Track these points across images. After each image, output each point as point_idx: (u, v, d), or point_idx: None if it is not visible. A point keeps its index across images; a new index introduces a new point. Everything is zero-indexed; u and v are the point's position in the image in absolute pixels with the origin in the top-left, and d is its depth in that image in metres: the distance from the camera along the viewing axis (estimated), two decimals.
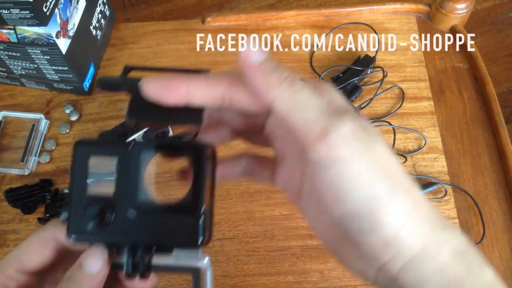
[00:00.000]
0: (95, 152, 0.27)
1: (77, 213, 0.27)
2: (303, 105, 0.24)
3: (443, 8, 0.70)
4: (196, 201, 0.26)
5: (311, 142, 0.24)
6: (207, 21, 0.74)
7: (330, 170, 0.24)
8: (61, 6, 0.58)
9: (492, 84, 0.66)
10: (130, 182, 0.26)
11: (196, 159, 0.27)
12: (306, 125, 0.24)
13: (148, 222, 0.27)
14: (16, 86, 0.70)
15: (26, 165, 0.63)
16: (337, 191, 0.24)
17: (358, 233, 0.25)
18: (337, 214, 0.25)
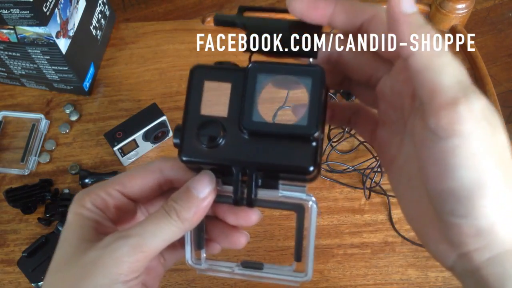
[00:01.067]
0: (211, 77, 0.27)
1: (191, 134, 0.27)
2: (441, 68, 0.23)
3: (443, 8, 0.70)
4: (311, 126, 0.26)
5: (437, 107, 0.22)
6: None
7: (446, 142, 0.22)
8: (61, 6, 0.58)
9: (492, 84, 0.66)
10: (245, 101, 0.26)
11: (314, 82, 0.26)
12: (438, 88, 0.22)
13: (260, 144, 0.27)
14: (16, 86, 0.70)
15: (26, 165, 0.63)
16: (444, 165, 0.23)
17: (451, 215, 0.24)
18: (435, 189, 0.24)
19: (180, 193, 0.28)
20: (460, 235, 0.24)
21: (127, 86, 0.69)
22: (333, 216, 0.58)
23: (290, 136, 0.26)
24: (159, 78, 0.70)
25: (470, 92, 0.23)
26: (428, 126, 0.23)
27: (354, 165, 0.61)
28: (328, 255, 0.56)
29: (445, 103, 0.22)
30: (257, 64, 0.27)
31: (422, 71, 0.23)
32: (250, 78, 0.26)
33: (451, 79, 0.23)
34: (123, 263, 0.26)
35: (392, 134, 0.29)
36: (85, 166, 0.63)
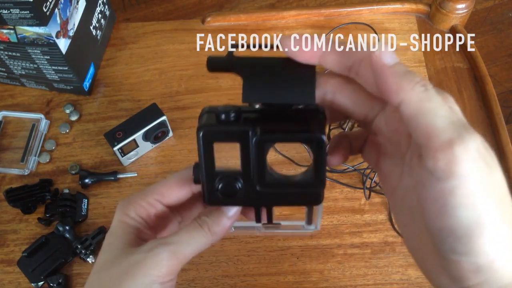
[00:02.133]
0: (219, 138, 0.29)
1: (211, 186, 0.30)
2: (433, 112, 0.24)
3: (443, 8, 0.70)
4: (319, 180, 0.30)
5: (433, 150, 0.23)
6: (207, 21, 0.74)
7: (444, 183, 0.23)
8: (61, 6, 0.58)
9: (492, 84, 0.66)
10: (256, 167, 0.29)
11: (317, 149, 0.29)
12: (433, 132, 0.23)
13: (275, 193, 0.31)
14: (16, 86, 0.70)
15: (26, 165, 0.63)
16: (443, 204, 0.23)
17: (451, 252, 0.24)
18: (434, 227, 0.25)
19: (212, 210, 0.32)
20: (460, 270, 0.25)
21: (127, 86, 0.69)
22: (333, 216, 0.58)
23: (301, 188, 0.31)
24: (159, 78, 0.70)
25: (464, 132, 0.23)
26: (426, 167, 0.24)
27: (354, 165, 0.61)
28: (328, 255, 0.56)
29: (440, 146, 0.23)
30: (262, 137, 0.29)
31: (414, 117, 0.24)
32: (258, 148, 0.29)
33: (444, 120, 0.23)
34: (162, 266, 0.29)
35: (392, 166, 0.30)
36: (85, 166, 0.63)
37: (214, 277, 0.55)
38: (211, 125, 0.29)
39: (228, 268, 0.55)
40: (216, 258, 0.56)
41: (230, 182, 0.30)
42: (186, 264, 0.31)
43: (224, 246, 0.56)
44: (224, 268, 0.55)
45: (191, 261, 0.58)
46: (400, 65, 0.25)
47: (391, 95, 0.25)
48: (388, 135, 0.29)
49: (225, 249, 0.56)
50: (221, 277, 0.55)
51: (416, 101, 0.24)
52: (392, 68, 0.25)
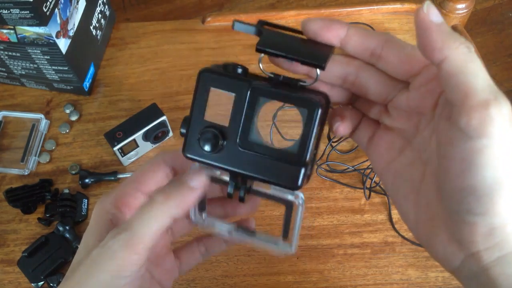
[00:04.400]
0: (217, 84, 0.29)
1: (194, 135, 0.30)
2: (475, 72, 0.24)
3: (443, 8, 0.70)
4: (301, 154, 0.29)
5: (469, 108, 0.23)
6: (207, 21, 0.74)
7: (474, 141, 0.24)
8: (61, 6, 0.58)
9: None
10: (244, 120, 0.29)
11: (309, 116, 0.28)
12: (472, 90, 0.24)
13: (254, 158, 0.29)
14: (16, 86, 0.70)
15: (26, 165, 0.63)
16: (470, 163, 0.24)
17: (467, 213, 0.25)
18: (455, 187, 0.25)
19: (173, 181, 0.30)
20: (472, 234, 0.25)
21: (127, 86, 0.69)
22: (333, 216, 0.58)
23: (282, 158, 0.29)
24: (159, 78, 0.70)
25: (500, 96, 0.24)
26: (458, 125, 0.24)
27: (354, 165, 0.61)
28: (328, 255, 0.56)
29: (477, 105, 0.23)
30: (258, 87, 0.28)
31: (456, 75, 0.24)
32: (251, 99, 0.28)
33: (483, 82, 0.24)
34: (117, 258, 0.27)
35: (395, 139, 0.31)
36: (85, 166, 0.63)
37: (214, 277, 0.55)
38: (214, 71, 0.29)
39: (228, 268, 0.55)
40: (216, 258, 0.56)
41: (214, 134, 0.29)
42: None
43: None
44: (224, 268, 0.55)
45: None
46: (445, 24, 0.25)
47: (435, 52, 0.25)
48: (406, 111, 0.30)
49: None
50: (221, 277, 0.55)
51: (460, 59, 0.24)
52: (439, 26, 0.25)
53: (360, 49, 0.29)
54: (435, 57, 0.25)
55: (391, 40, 0.28)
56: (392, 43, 0.28)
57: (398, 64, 0.28)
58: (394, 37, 0.28)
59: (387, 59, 0.28)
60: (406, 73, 0.28)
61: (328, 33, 0.28)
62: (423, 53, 0.26)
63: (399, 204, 0.31)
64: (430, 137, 0.28)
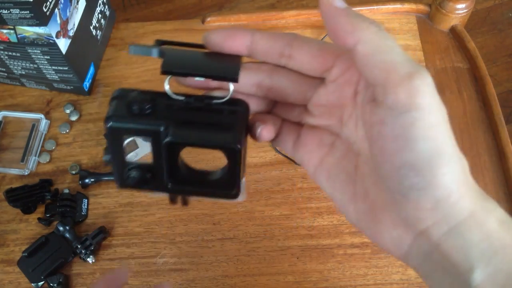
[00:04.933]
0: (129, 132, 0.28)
1: (120, 172, 0.30)
2: (390, 49, 0.24)
3: (443, 8, 0.70)
4: (233, 184, 0.29)
5: (394, 83, 0.23)
6: (207, 21, 0.74)
7: (405, 116, 0.23)
8: (61, 6, 0.58)
9: (492, 84, 0.66)
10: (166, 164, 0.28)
11: (231, 157, 0.28)
12: (392, 67, 0.23)
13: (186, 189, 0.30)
14: (16, 86, 0.70)
15: (26, 165, 0.63)
16: (404, 139, 0.24)
17: (410, 189, 0.24)
18: (393, 166, 0.24)
19: None
20: (417, 210, 0.24)
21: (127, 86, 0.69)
22: (333, 216, 0.58)
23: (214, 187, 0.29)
24: (159, 78, 0.69)
25: (421, 68, 0.24)
26: (385, 104, 0.24)
27: None
28: (328, 255, 0.56)
29: (401, 78, 0.23)
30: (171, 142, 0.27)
31: (372, 54, 0.24)
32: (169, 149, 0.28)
33: (402, 57, 0.24)
34: None
35: (323, 135, 0.30)
36: (85, 166, 0.63)
37: (214, 277, 0.55)
38: (120, 117, 0.27)
39: (228, 268, 0.55)
40: (216, 258, 0.56)
41: (140, 173, 0.29)
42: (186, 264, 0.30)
43: (224, 246, 0.56)
44: (224, 268, 0.55)
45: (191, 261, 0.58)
46: (350, 8, 0.25)
47: (347, 36, 0.25)
48: (327, 107, 0.29)
49: (225, 249, 0.56)
50: (221, 277, 0.55)
51: (373, 39, 0.24)
52: (345, 10, 0.25)
53: (268, 52, 0.28)
54: (348, 42, 0.25)
55: (298, 38, 0.28)
56: (300, 40, 0.28)
57: (310, 60, 0.28)
58: (300, 35, 0.28)
59: (298, 57, 0.28)
60: (320, 67, 0.28)
61: (233, 43, 0.28)
62: (335, 40, 0.25)
63: (338, 199, 0.30)
64: (356, 126, 0.28)
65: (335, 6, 0.25)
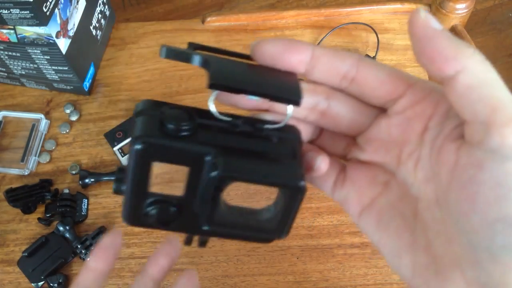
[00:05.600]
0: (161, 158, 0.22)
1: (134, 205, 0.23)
2: (497, 83, 0.21)
3: (443, 8, 0.70)
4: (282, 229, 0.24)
5: (500, 124, 0.20)
6: (207, 21, 0.74)
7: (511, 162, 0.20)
8: (61, 6, 0.58)
9: None
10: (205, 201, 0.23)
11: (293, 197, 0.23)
12: (500, 103, 0.20)
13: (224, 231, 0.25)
14: (16, 86, 0.70)
15: (26, 165, 0.63)
16: (508, 188, 0.20)
17: (502, 248, 0.20)
18: (486, 218, 0.21)
19: None
20: (508, 273, 0.21)
21: (127, 86, 0.69)
22: (333, 216, 0.58)
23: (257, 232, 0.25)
24: (159, 78, 0.70)
25: None
26: (487, 146, 0.20)
27: None
28: (328, 255, 0.56)
29: (508, 119, 0.20)
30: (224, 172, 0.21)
31: (478, 87, 0.21)
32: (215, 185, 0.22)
33: (508, 94, 0.21)
34: None
35: (375, 174, 0.26)
36: (85, 166, 0.63)
37: (214, 277, 0.55)
38: (153, 137, 0.21)
39: (228, 268, 0.55)
40: (216, 258, 0.56)
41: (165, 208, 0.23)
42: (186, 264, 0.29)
43: (224, 246, 0.56)
44: (224, 268, 0.55)
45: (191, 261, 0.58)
46: (449, 32, 0.22)
47: (448, 62, 0.21)
48: (386, 142, 0.25)
49: (225, 249, 0.56)
50: (221, 277, 0.55)
51: (478, 69, 0.21)
52: (445, 33, 0.21)
53: (330, 72, 0.24)
54: (448, 68, 0.21)
55: (365, 59, 0.24)
56: (367, 62, 0.24)
57: (377, 86, 0.24)
58: (367, 57, 0.25)
59: (363, 81, 0.24)
60: (386, 95, 0.24)
61: (292, 57, 0.23)
62: (428, 66, 0.22)
63: (389, 247, 0.26)
64: (415, 167, 0.24)
65: (433, 27, 0.22)
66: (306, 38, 0.72)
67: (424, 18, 0.22)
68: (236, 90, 0.22)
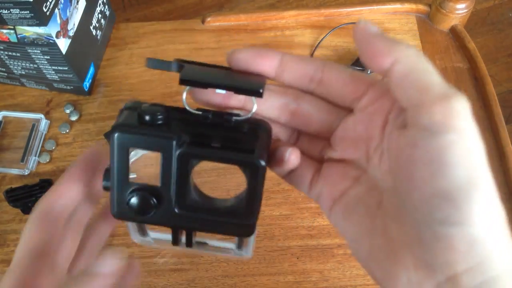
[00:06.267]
0: (136, 144, 0.25)
1: (121, 197, 0.26)
2: (427, 69, 0.23)
3: (443, 8, 0.70)
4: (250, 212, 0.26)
5: (430, 103, 0.22)
6: (207, 21, 0.74)
7: (441, 138, 0.21)
8: (61, 6, 0.58)
9: (492, 84, 0.66)
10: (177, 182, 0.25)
11: (253, 175, 0.25)
12: (429, 85, 0.22)
13: (196, 216, 0.26)
14: (16, 86, 0.70)
15: (26, 165, 0.63)
16: (439, 163, 0.21)
17: (442, 223, 0.21)
18: (424, 195, 0.22)
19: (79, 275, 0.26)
20: (449, 251, 0.21)
21: (127, 86, 0.69)
22: None
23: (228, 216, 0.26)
24: (159, 78, 0.70)
25: (458, 92, 0.23)
26: (419, 125, 0.22)
27: None
28: (328, 255, 0.56)
29: (438, 98, 0.22)
30: (186, 152, 0.25)
31: (409, 74, 0.23)
32: (181, 163, 0.25)
33: (439, 79, 0.23)
34: None
35: (347, 170, 0.28)
36: None
37: (214, 277, 0.55)
38: (129, 126, 0.25)
39: (228, 268, 0.55)
40: (216, 258, 0.56)
41: (144, 197, 0.25)
42: (186, 264, 0.29)
43: None
44: (224, 268, 0.55)
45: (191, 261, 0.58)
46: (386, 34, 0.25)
47: (383, 57, 0.24)
48: (354, 139, 0.27)
49: None
50: (221, 277, 0.55)
51: (410, 59, 0.23)
52: (381, 35, 0.24)
53: (298, 75, 0.27)
54: (384, 62, 0.24)
55: (329, 63, 0.27)
56: (331, 66, 0.27)
57: (341, 87, 0.27)
58: (332, 62, 0.27)
59: (328, 83, 0.27)
60: (350, 95, 0.27)
61: (261, 61, 0.26)
62: (370, 62, 0.24)
63: (351, 233, 0.27)
64: (380, 160, 0.26)
65: (370, 31, 0.25)
66: (306, 38, 0.72)
67: (363, 24, 0.25)
68: (202, 85, 0.25)
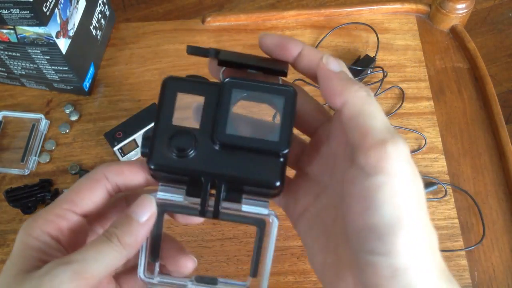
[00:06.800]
0: (184, 89, 0.29)
1: (161, 143, 0.28)
2: (372, 114, 0.25)
3: (443, 8, 0.70)
4: (282, 143, 0.28)
5: (367, 147, 0.24)
6: (207, 21, 0.74)
7: (372, 179, 0.24)
8: (61, 6, 0.58)
9: (492, 84, 0.66)
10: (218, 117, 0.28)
11: (286, 102, 0.28)
12: (369, 131, 0.25)
13: (230, 157, 0.28)
14: (16, 86, 0.70)
15: (26, 165, 0.63)
16: (369, 201, 0.24)
17: (370, 253, 0.24)
18: (357, 226, 0.25)
19: (121, 218, 0.28)
20: (376, 276, 0.24)
21: (127, 86, 0.69)
22: None
23: (261, 150, 0.28)
24: (159, 78, 0.70)
25: (397, 136, 0.25)
26: (357, 164, 0.25)
27: None
28: None
29: (374, 143, 0.24)
30: (233, 79, 0.28)
31: (355, 117, 0.25)
32: (226, 92, 0.28)
33: (381, 123, 0.25)
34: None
35: (309, 186, 0.31)
36: (85, 166, 0.63)
37: None
38: (177, 77, 0.29)
39: (228, 268, 0.55)
40: (216, 258, 0.56)
41: (186, 135, 0.28)
42: None
43: (224, 246, 0.56)
44: (224, 268, 0.55)
45: None
46: (345, 73, 0.27)
47: (336, 97, 0.26)
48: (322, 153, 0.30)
49: (225, 249, 0.56)
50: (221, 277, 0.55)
51: (359, 103, 0.26)
52: (338, 74, 0.27)
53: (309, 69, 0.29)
54: (336, 102, 0.26)
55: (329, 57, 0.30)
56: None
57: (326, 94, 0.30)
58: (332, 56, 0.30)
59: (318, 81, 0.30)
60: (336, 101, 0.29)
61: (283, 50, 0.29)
62: (327, 100, 0.27)
63: (309, 247, 0.30)
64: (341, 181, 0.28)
65: (329, 69, 0.27)
66: (306, 38, 0.72)
67: (325, 62, 0.27)
68: (237, 65, 0.29)
